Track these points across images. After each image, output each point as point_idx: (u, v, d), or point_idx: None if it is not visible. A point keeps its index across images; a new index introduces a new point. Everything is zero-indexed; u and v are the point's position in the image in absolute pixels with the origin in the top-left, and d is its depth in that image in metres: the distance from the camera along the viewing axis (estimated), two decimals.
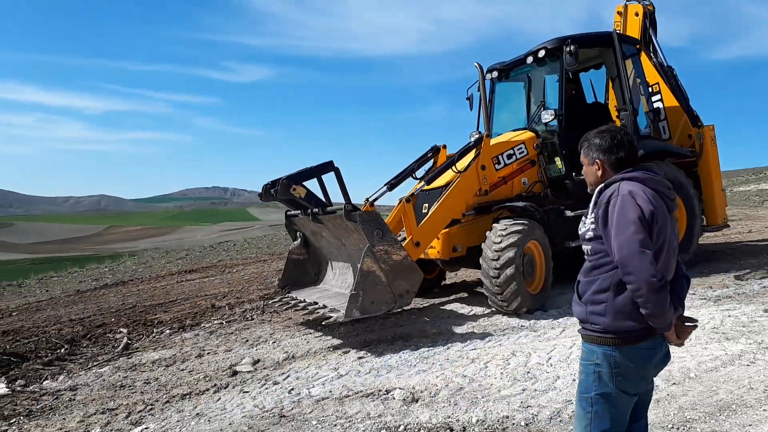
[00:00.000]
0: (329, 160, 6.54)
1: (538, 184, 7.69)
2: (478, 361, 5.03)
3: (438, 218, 6.87)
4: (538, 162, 7.72)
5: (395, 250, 5.85)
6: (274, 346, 6.39)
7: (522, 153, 7.57)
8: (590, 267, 2.39)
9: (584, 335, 2.40)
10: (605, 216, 2.26)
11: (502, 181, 7.45)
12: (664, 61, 8.66)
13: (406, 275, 5.90)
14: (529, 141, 7.68)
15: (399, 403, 4.31)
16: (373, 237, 5.77)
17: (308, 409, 4.42)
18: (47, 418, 4.93)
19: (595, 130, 2.50)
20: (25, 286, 16.54)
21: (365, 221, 5.82)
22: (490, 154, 7.34)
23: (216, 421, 4.39)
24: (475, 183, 7.20)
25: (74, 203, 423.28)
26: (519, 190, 7.58)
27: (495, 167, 7.38)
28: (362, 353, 5.70)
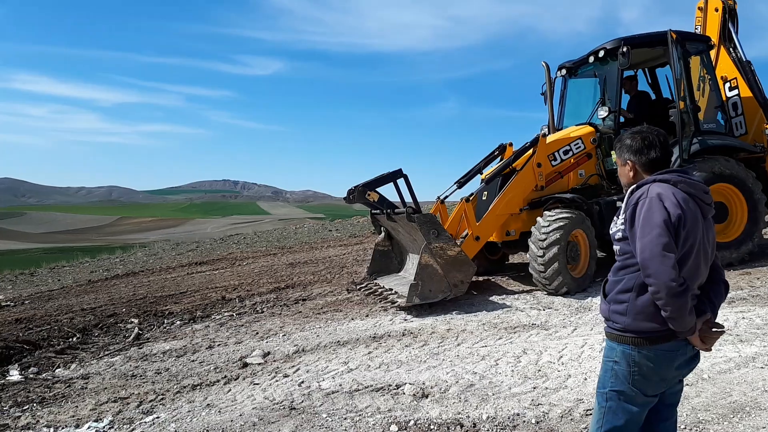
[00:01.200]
0: (398, 169, 7.51)
1: (595, 176, 8.09)
2: (488, 359, 5.02)
3: (496, 215, 7.52)
4: (595, 155, 8.08)
5: (450, 247, 6.68)
6: (284, 339, 6.41)
7: (579, 148, 7.98)
8: (618, 267, 2.39)
9: (607, 332, 2.42)
10: (632, 217, 2.25)
11: (558, 175, 7.94)
12: (743, 56, 8.76)
13: (460, 268, 6.75)
14: (587, 136, 8.05)
15: (409, 398, 4.31)
16: (429, 236, 6.64)
17: (318, 402, 4.42)
18: (60, 406, 4.98)
19: (630, 130, 2.49)
20: (38, 275, 16.68)
21: (422, 223, 6.70)
22: (546, 151, 7.81)
23: (226, 412, 4.41)
24: (531, 180, 7.72)
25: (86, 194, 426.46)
26: (575, 183, 8.01)
27: (551, 163, 7.86)
28: (372, 348, 5.70)
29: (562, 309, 6.53)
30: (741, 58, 8.82)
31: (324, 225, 24.76)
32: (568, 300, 6.87)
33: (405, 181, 7.45)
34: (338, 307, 7.67)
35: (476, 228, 7.45)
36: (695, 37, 8.54)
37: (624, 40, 7.81)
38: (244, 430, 4.03)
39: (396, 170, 7.51)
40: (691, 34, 8.53)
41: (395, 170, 7.51)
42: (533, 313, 6.47)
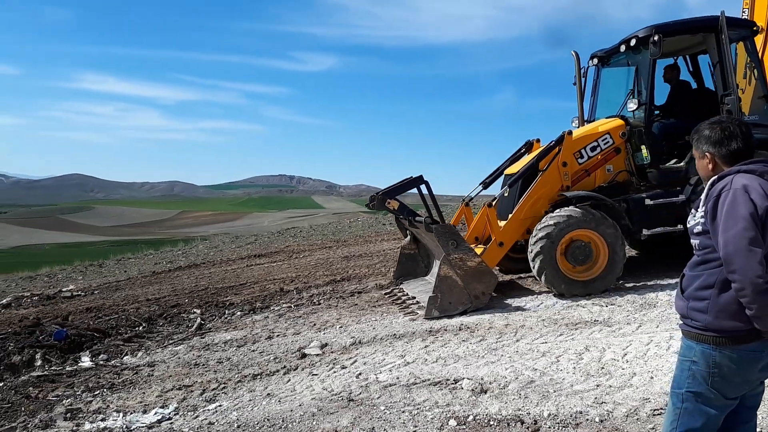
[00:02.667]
0: (419, 176, 7.37)
1: (624, 172, 7.64)
2: (549, 355, 4.91)
3: (520, 219, 7.22)
4: (624, 150, 7.63)
5: (470, 258, 6.48)
6: (341, 331, 6.46)
7: (607, 143, 7.55)
8: (697, 262, 2.27)
9: (684, 331, 2.30)
10: (714, 210, 2.13)
11: (585, 173, 7.53)
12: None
13: (481, 278, 6.52)
14: (615, 129, 7.60)
15: (467, 393, 4.26)
16: (448, 247, 6.46)
17: (376, 394, 4.43)
18: (128, 392, 5.17)
19: (707, 121, 2.36)
20: (105, 267, 17.44)
21: (440, 234, 6.52)
22: (572, 149, 7.45)
23: (286, 402, 4.48)
24: (557, 180, 7.37)
25: (149, 188, 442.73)
26: (603, 179, 7.57)
27: (578, 162, 7.48)
28: (428, 342, 5.67)
29: (625, 305, 6.31)
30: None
31: (378, 219, 24.82)
32: (632, 296, 6.64)
33: (426, 187, 7.32)
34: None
35: (499, 233, 7.20)
36: (737, 22, 7.92)
37: (656, 27, 7.35)
38: (304, 420, 4.08)
39: (417, 177, 7.40)
40: (732, 19, 7.87)
41: (416, 177, 7.40)
42: (595, 309, 6.29)
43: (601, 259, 6.86)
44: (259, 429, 4.02)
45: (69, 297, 10.86)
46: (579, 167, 7.48)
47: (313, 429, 3.93)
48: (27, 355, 6.44)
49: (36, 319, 7.86)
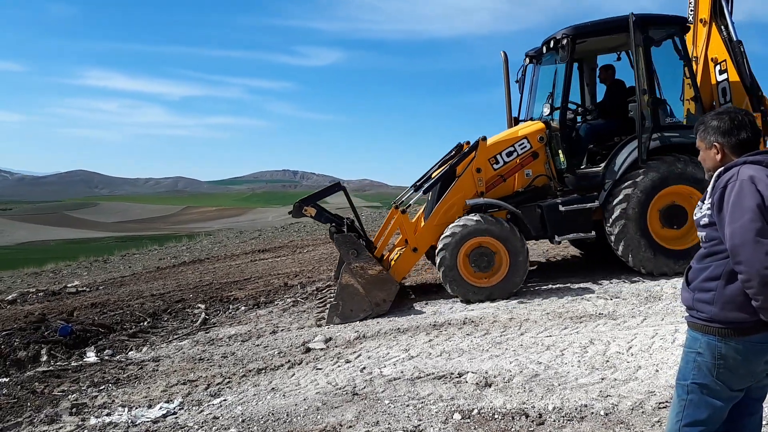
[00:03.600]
0: (336, 182, 7.71)
1: (542, 177, 7.49)
2: (553, 348, 4.89)
3: (434, 225, 7.14)
4: (544, 154, 7.48)
5: (370, 266, 6.61)
6: (345, 325, 6.46)
7: (524, 148, 7.43)
8: (704, 254, 2.25)
9: (690, 322, 2.29)
10: (720, 201, 2.11)
11: (500, 179, 7.43)
12: (733, 35, 7.50)
13: (382, 286, 6.64)
14: (533, 134, 7.47)
15: (472, 387, 4.26)
16: (348, 256, 6.63)
17: (380, 388, 4.43)
18: (133, 387, 5.19)
19: (713, 112, 2.34)
20: (110, 262, 17.49)
21: (340, 243, 6.76)
22: (486, 155, 7.35)
23: (291, 396, 4.48)
24: (471, 186, 7.26)
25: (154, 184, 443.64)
26: (521, 184, 7.47)
27: (493, 167, 7.39)
28: (432, 336, 5.67)
29: (630, 298, 6.29)
30: (731, 37, 7.53)
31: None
32: (636, 289, 6.61)
33: (344, 193, 7.58)
34: (397, 295, 7.66)
35: (413, 239, 7.18)
36: (661, 19, 7.60)
37: (572, 28, 7.24)
38: (308, 414, 4.08)
39: (334, 183, 7.70)
40: (657, 17, 7.59)
41: (334, 183, 7.69)
42: (600, 302, 6.26)
43: (503, 265, 6.83)
44: (263, 423, 4.02)
45: (74, 293, 10.90)
46: (494, 173, 7.40)
47: (318, 423, 3.93)
48: (32, 350, 6.47)
49: (41, 315, 7.88)
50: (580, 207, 7.07)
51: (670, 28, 7.54)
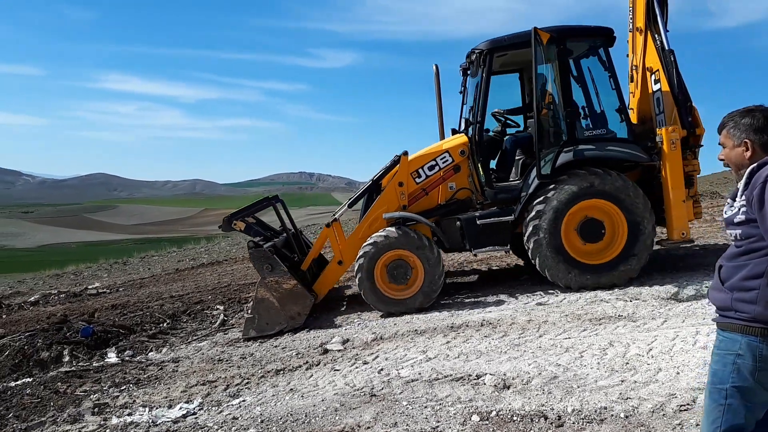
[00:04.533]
0: (275, 195, 7.74)
1: (464, 190, 7.53)
2: (572, 351, 4.86)
3: (358, 238, 7.19)
4: (466, 167, 7.51)
5: (285, 281, 6.66)
6: (362, 327, 6.48)
7: (446, 162, 7.47)
8: (739, 252, 2.20)
9: (725, 324, 2.23)
10: (761, 197, 2.07)
11: (423, 192, 7.49)
12: (665, 44, 7.18)
13: (296, 300, 6.69)
14: (455, 148, 7.50)
15: (490, 389, 4.25)
16: (263, 270, 6.68)
17: (398, 389, 4.44)
18: (153, 387, 5.25)
19: (740, 109, 2.30)
20: (130, 264, 17.70)
21: (255, 258, 6.80)
22: (408, 169, 7.40)
23: (309, 397, 4.51)
24: (394, 201, 7.33)
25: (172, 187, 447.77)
26: (445, 197, 7.51)
27: (415, 181, 7.45)
28: (450, 338, 5.66)
29: (650, 300, 6.22)
30: (663, 46, 7.23)
31: None
32: (656, 290, 6.53)
33: (282, 206, 7.69)
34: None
35: (338, 252, 7.30)
36: (584, 31, 7.54)
37: (491, 42, 7.29)
38: (327, 415, 4.10)
39: (264, 198, 7.78)
40: (576, 29, 7.49)
41: (263, 198, 7.78)
42: (619, 304, 6.20)
43: (419, 278, 6.87)
44: (282, 424, 4.05)
45: (95, 294, 11.06)
46: (417, 186, 7.44)
47: (336, 424, 3.95)
48: (55, 351, 6.57)
49: (63, 316, 8.00)
50: (497, 221, 7.10)
51: (592, 39, 7.49)
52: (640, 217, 6.82)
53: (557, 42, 7.08)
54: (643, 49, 7.60)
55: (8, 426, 4.70)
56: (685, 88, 7.11)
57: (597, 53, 7.51)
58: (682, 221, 6.92)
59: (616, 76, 7.37)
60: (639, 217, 6.82)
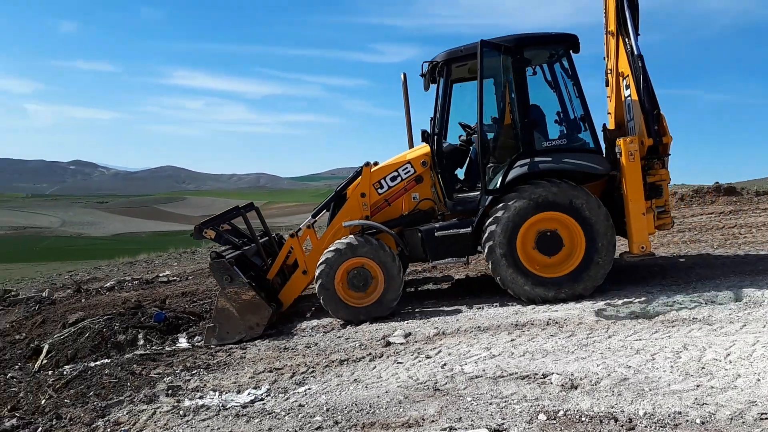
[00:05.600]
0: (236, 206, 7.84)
1: (427, 200, 7.49)
2: (643, 353, 4.70)
3: (322, 248, 7.15)
4: (429, 178, 7.44)
5: (244, 291, 6.71)
6: (424, 321, 6.48)
7: (408, 173, 7.43)
8: None
9: None
10: None
11: (385, 203, 7.47)
12: (635, 48, 6.90)
13: (255, 311, 6.72)
14: (417, 159, 7.42)
15: (557, 389, 4.17)
16: (223, 281, 6.73)
17: (462, 385, 4.42)
18: (222, 372, 5.43)
19: None
20: (198, 254, 18.29)
21: (214, 269, 6.83)
22: (371, 180, 7.40)
23: (373, 388, 4.55)
24: (357, 211, 7.36)
25: (237, 180, 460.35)
26: (408, 208, 7.49)
27: (378, 192, 7.42)
28: (514, 336, 5.58)
29: (727, 303, 5.93)
30: (633, 51, 6.94)
31: None
32: (734, 294, 6.22)
33: (257, 212, 7.99)
34: (474, 294, 7.60)
35: (303, 262, 7.34)
36: (543, 39, 7.27)
37: (447, 54, 7.15)
38: (391, 407, 4.13)
39: (246, 204, 7.96)
40: (534, 37, 7.19)
41: (245, 204, 7.94)
42: (693, 306, 5.95)
43: (378, 286, 6.86)
44: (347, 413, 4.10)
45: (165, 282, 11.52)
46: (379, 197, 7.42)
47: (400, 416, 3.97)
48: (130, 334, 6.90)
49: (137, 302, 8.37)
50: (454, 232, 7.01)
51: (553, 47, 7.29)
52: (597, 230, 6.63)
53: (513, 52, 6.92)
54: (616, 53, 7.38)
55: (89, 404, 4.97)
56: (653, 95, 6.81)
57: (559, 61, 7.33)
58: (641, 234, 6.67)
59: (579, 84, 7.16)
60: (596, 229, 6.63)
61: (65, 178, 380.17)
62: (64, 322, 7.96)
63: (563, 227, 6.72)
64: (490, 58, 6.93)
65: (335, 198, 7.64)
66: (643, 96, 6.77)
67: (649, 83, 6.80)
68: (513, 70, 6.97)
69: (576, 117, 7.25)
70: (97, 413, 4.69)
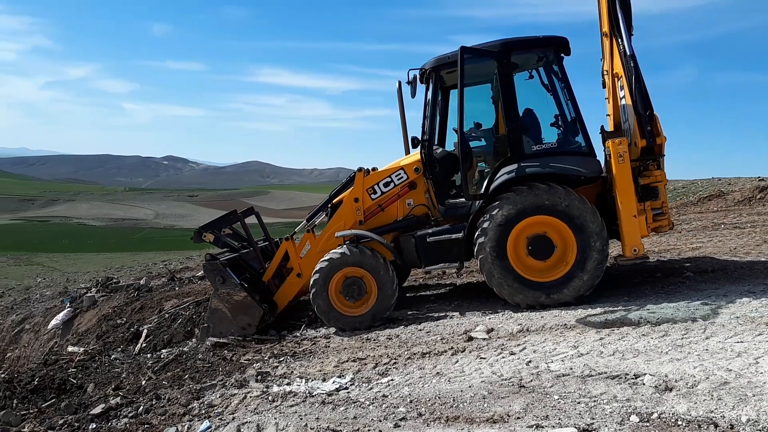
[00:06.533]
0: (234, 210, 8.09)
1: (421, 206, 7.47)
2: (745, 356, 4.41)
3: (316, 252, 7.26)
4: (422, 184, 7.43)
5: (236, 292, 6.89)
6: (507, 317, 6.39)
7: (401, 179, 7.44)
8: None
9: None
10: None
11: (379, 209, 7.47)
12: (626, 49, 6.71)
13: (246, 311, 6.87)
14: (410, 165, 7.43)
15: (650, 390, 3.99)
16: (216, 282, 6.97)
17: (548, 383, 4.32)
18: (308, 360, 5.59)
19: None
20: None
21: (208, 271, 7.09)
22: (364, 185, 7.45)
23: (456, 382, 4.53)
24: (351, 215, 7.41)
25: (318, 175, 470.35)
26: (402, 213, 7.48)
27: (371, 197, 7.44)
28: (603, 334, 5.39)
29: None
30: (625, 51, 6.70)
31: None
32: None
33: (257, 217, 8.23)
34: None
35: (297, 265, 7.38)
36: (531, 43, 7.11)
37: (435, 60, 7.18)
38: (475, 402, 4.10)
39: (247, 209, 8.25)
40: (522, 41, 7.04)
41: (246, 209, 8.22)
42: None
43: (372, 295, 6.84)
44: (431, 405, 4.11)
45: None
46: (373, 202, 7.42)
47: (485, 411, 3.93)
48: None
49: None
50: (446, 237, 6.95)
51: (542, 50, 7.18)
52: (588, 232, 6.48)
53: (499, 56, 6.86)
54: (611, 54, 7.20)
55: (185, 386, 5.25)
56: (646, 95, 6.63)
57: (549, 64, 7.20)
58: (633, 237, 6.50)
59: (570, 87, 7.06)
60: (588, 232, 6.49)
61: (159, 172, 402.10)
62: (160, 309, 8.46)
63: (555, 231, 6.63)
64: (477, 63, 6.96)
65: (328, 203, 7.77)
66: (636, 96, 6.61)
67: (641, 83, 6.66)
68: (499, 74, 6.95)
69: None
70: (193, 395, 4.95)
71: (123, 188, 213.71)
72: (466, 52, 6.67)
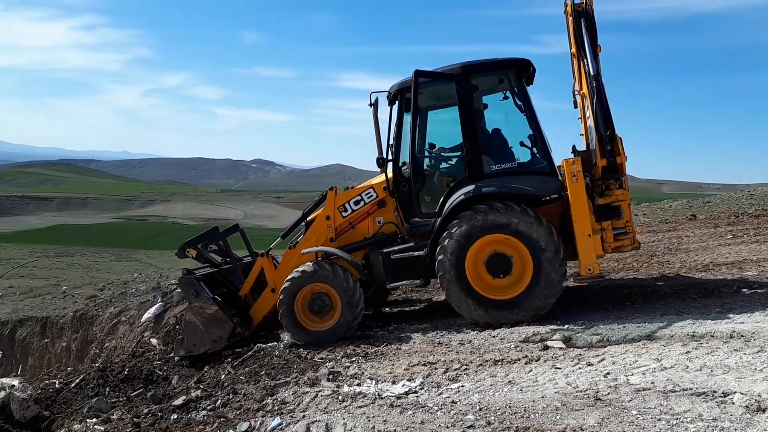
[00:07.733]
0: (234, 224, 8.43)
1: (389, 224, 7.54)
2: None
3: (290, 268, 7.23)
4: (391, 203, 7.45)
5: (208, 306, 7.05)
6: (586, 327, 6.13)
7: (371, 197, 7.53)
8: None
9: None
10: None
11: (349, 226, 7.54)
12: (590, 68, 6.69)
13: (219, 325, 7.03)
14: (379, 185, 7.51)
15: (740, 410, 3.70)
16: (189, 296, 7.17)
17: (627, 397, 4.10)
18: (379, 362, 5.61)
19: None
20: None
21: (182, 285, 7.36)
22: (336, 204, 7.55)
23: (528, 392, 4.40)
24: (323, 232, 7.50)
25: None
26: (373, 230, 7.55)
27: (342, 215, 7.53)
28: (690, 348, 5.06)
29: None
30: (589, 70, 6.70)
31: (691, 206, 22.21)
32: None
33: (241, 234, 8.12)
34: (648, 299, 7.04)
35: (272, 281, 7.46)
36: (492, 65, 7.23)
37: (399, 84, 7.27)
38: (547, 413, 3.96)
39: (232, 225, 8.34)
40: (482, 63, 7.13)
41: (231, 226, 8.33)
42: None
43: (337, 310, 6.86)
44: (500, 414, 4.01)
45: None
46: (344, 220, 7.51)
47: (557, 423, 3.79)
48: None
49: None
50: (409, 255, 7.00)
51: (503, 72, 7.26)
52: (544, 251, 6.46)
53: (458, 79, 6.92)
54: (579, 74, 7.26)
55: (261, 382, 5.42)
56: (608, 114, 6.65)
57: (511, 86, 7.24)
58: (588, 257, 6.49)
59: (531, 107, 7.13)
60: (543, 250, 6.46)
61: (248, 175, 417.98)
62: None
63: (514, 250, 6.56)
64: (438, 86, 7.16)
65: (301, 221, 7.86)
66: (598, 116, 6.64)
67: (604, 103, 6.69)
68: (458, 96, 6.95)
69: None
70: (267, 391, 5.08)
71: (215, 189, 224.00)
72: (421, 75, 6.86)
